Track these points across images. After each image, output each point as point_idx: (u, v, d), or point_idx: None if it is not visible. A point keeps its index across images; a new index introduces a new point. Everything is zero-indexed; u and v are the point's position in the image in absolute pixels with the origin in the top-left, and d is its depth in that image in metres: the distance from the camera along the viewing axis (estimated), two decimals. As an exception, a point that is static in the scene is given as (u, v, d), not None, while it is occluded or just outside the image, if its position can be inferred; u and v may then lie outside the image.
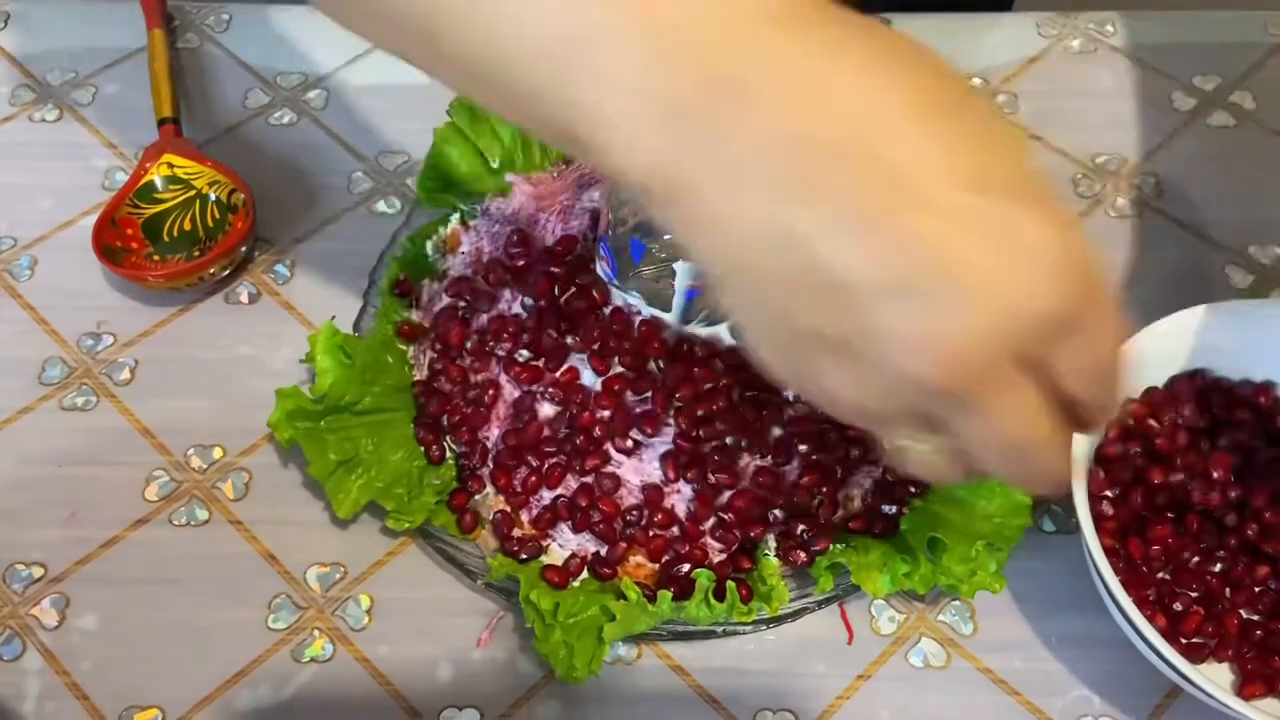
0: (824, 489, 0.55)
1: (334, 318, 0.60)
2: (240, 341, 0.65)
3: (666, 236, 0.56)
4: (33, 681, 0.53)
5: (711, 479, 0.54)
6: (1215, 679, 0.48)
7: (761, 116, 0.31)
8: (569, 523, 0.55)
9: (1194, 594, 0.53)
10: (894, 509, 0.55)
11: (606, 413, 0.55)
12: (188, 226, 0.68)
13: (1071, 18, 0.79)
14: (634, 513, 0.54)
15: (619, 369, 0.55)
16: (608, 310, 0.57)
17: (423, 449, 0.57)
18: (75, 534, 0.58)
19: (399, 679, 0.54)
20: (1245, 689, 0.51)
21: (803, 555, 0.54)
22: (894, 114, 0.31)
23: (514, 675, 0.54)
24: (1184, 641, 0.52)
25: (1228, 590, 0.53)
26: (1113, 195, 0.70)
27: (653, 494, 0.54)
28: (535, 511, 0.55)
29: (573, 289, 0.58)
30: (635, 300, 0.57)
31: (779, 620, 0.53)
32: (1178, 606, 0.53)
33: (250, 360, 0.64)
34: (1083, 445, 0.52)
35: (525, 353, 0.57)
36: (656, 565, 0.54)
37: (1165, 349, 0.57)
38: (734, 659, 0.54)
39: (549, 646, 0.51)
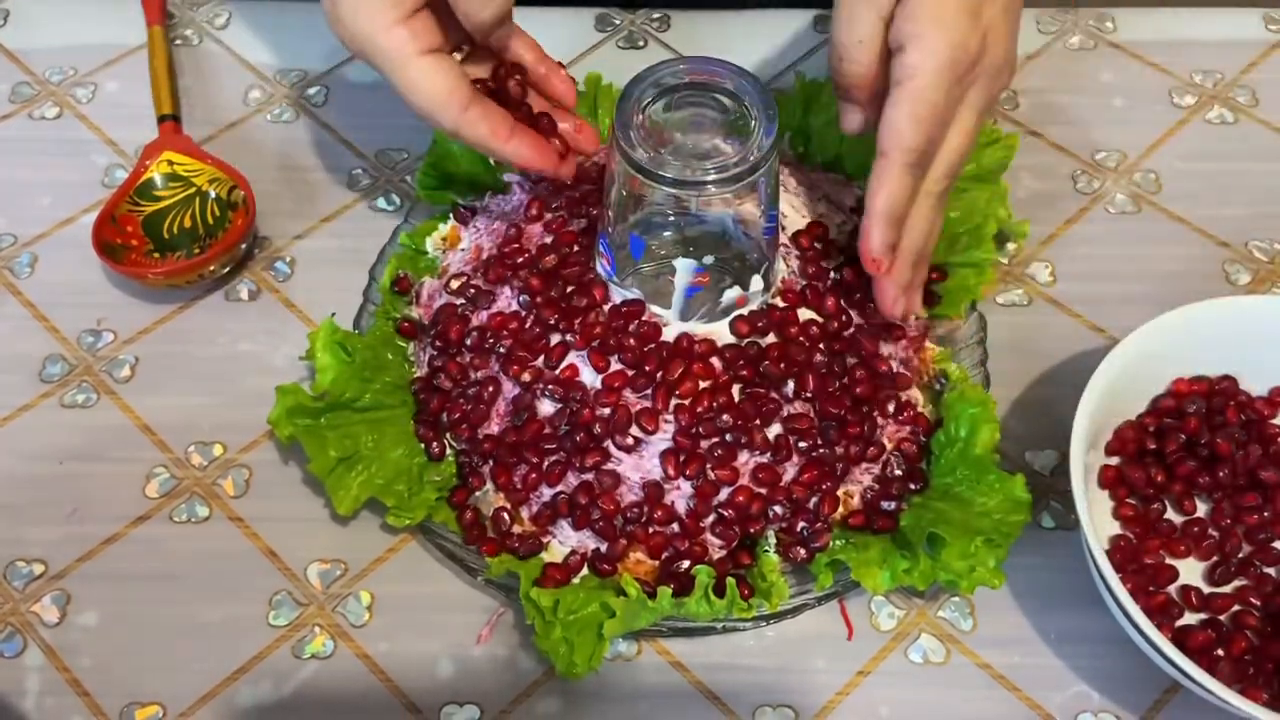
0: (823, 486, 0.55)
1: (334, 315, 0.60)
2: (240, 338, 0.65)
3: (666, 234, 0.56)
4: (33, 678, 0.54)
5: (711, 476, 0.54)
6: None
7: None
8: (569, 519, 0.55)
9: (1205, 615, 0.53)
10: (893, 505, 0.55)
11: (606, 410, 0.55)
12: (188, 224, 0.68)
13: (1071, 14, 0.79)
14: (634, 510, 0.54)
15: (618, 366, 0.55)
16: (607, 307, 0.57)
17: (423, 446, 0.58)
18: (76, 531, 0.58)
19: (399, 675, 0.54)
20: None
21: (802, 552, 0.54)
22: None
23: (514, 672, 0.54)
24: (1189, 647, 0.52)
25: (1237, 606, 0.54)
26: (1112, 192, 0.70)
27: (653, 491, 0.54)
28: (535, 508, 0.55)
29: (572, 286, 0.58)
30: (635, 297, 0.57)
31: (779, 616, 0.53)
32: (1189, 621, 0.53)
33: (250, 357, 0.64)
34: (1082, 440, 0.52)
35: (524, 351, 0.57)
36: (656, 562, 0.54)
37: (1166, 346, 0.57)
38: (734, 655, 0.54)
39: (549, 643, 0.51)
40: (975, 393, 0.56)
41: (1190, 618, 0.54)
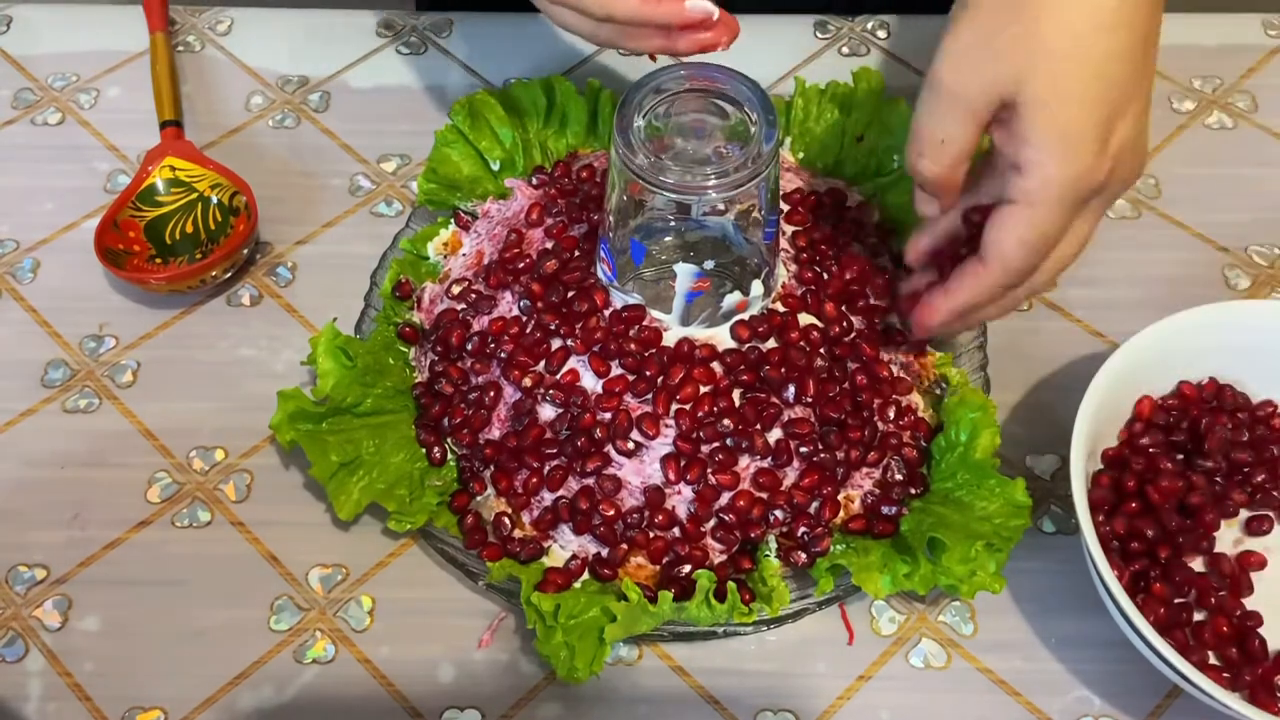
0: (824, 490, 0.55)
1: (335, 320, 0.60)
2: (242, 344, 0.65)
3: (667, 239, 0.56)
4: (35, 683, 0.54)
5: (712, 480, 0.54)
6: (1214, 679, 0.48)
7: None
8: (570, 524, 0.55)
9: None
10: (894, 510, 0.55)
11: (607, 415, 0.55)
12: (190, 229, 0.68)
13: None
14: (635, 514, 0.54)
15: (619, 371, 0.56)
16: (608, 312, 0.57)
17: (424, 451, 0.58)
18: (78, 536, 0.58)
19: (401, 680, 0.54)
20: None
21: (803, 556, 0.54)
22: None
23: (515, 676, 0.54)
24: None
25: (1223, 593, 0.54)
26: (1112, 197, 0.71)
27: (653, 495, 0.54)
28: (536, 513, 0.55)
29: (573, 291, 0.58)
30: (635, 302, 0.57)
31: (780, 621, 0.53)
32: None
33: (252, 362, 0.64)
34: (1083, 444, 0.52)
35: (525, 356, 0.57)
36: (657, 566, 0.54)
37: (1166, 351, 0.57)
38: (735, 659, 0.54)
39: (550, 647, 0.51)
40: (976, 397, 0.56)
41: (1191, 622, 0.54)
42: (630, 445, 0.54)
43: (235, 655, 0.54)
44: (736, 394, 0.55)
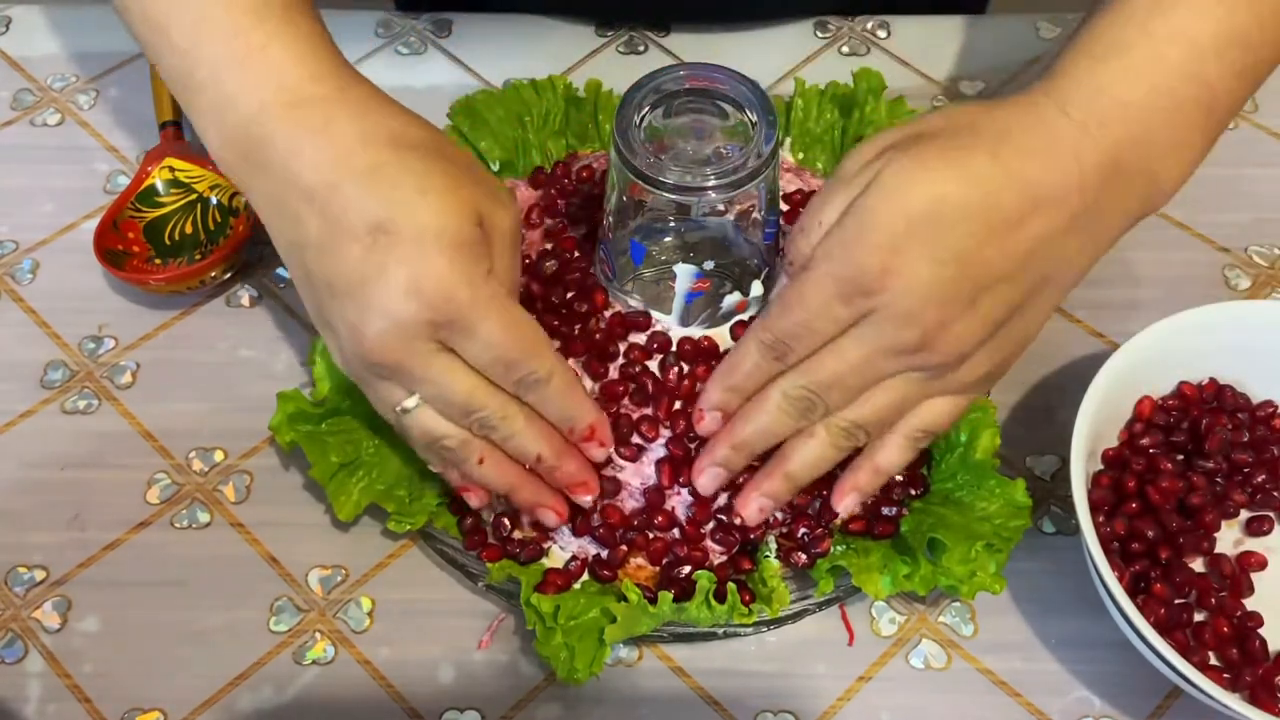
0: (824, 491, 0.55)
1: (335, 321, 0.60)
2: (241, 344, 0.65)
3: (667, 239, 0.56)
4: (35, 684, 0.54)
5: (712, 481, 0.54)
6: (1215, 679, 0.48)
7: (277, 167, 0.49)
8: (569, 525, 0.55)
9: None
10: (894, 511, 0.55)
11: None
12: (189, 230, 0.68)
13: (1071, 20, 0.79)
14: (634, 516, 0.54)
15: (617, 375, 0.55)
16: (608, 314, 0.57)
17: (424, 451, 0.58)
18: (77, 537, 0.58)
19: (400, 681, 0.54)
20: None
21: (803, 557, 0.54)
22: (339, 175, 0.48)
23: (515, 677, 0.54)
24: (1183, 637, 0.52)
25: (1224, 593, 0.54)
26: (1112, 197, 0.70)
27: (653, 497, 0.54)
28: (536, 514, 0.55)
29: (573, 292, 0.58)
30: (635, 303, 0.57)
31: (780, 622, 0.53)
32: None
33: (251, 363, 0.64)
34: (1083, 445, 0.52)
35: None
36: (657, 568, 0.54)
37: (1166, 351, 0.57)
38: (735, 660, 0.54)
39: (550, 648, 0.51)
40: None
41: (1191, 623, 0.54)
42: (630, 450, 0.54)
43: (235, 656, 0.54)
44: (736, 395, 0.55)
